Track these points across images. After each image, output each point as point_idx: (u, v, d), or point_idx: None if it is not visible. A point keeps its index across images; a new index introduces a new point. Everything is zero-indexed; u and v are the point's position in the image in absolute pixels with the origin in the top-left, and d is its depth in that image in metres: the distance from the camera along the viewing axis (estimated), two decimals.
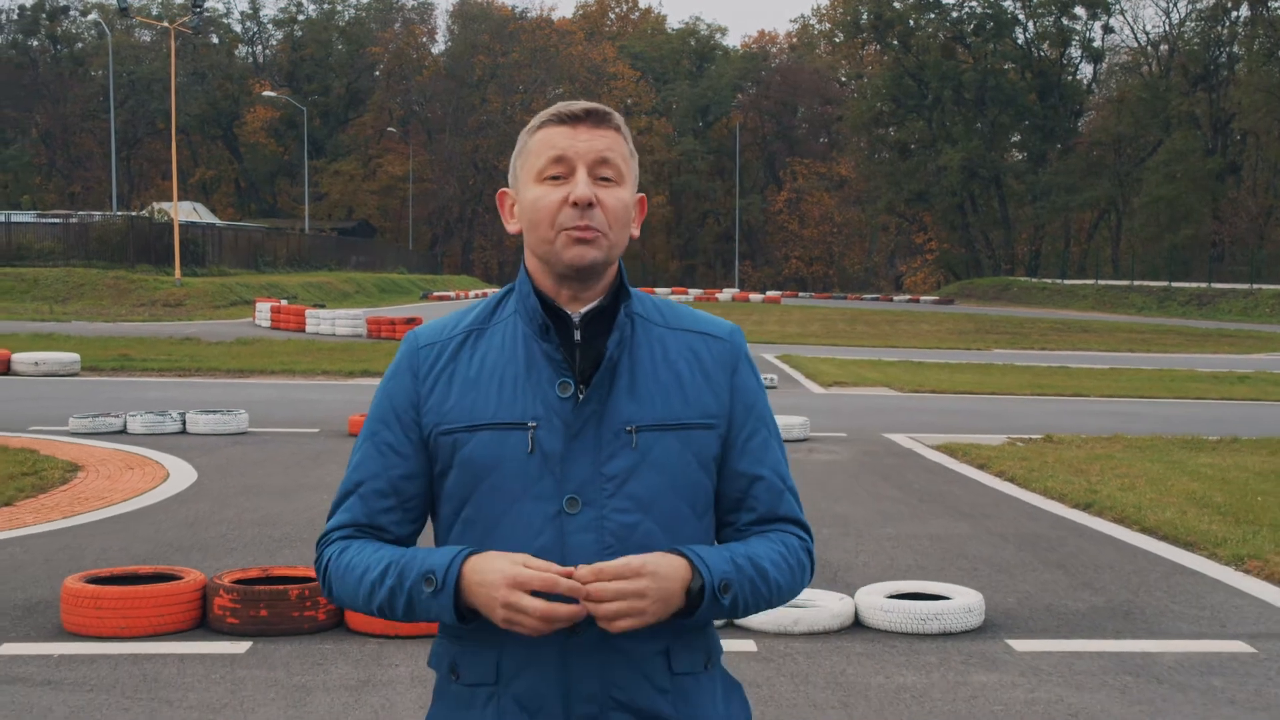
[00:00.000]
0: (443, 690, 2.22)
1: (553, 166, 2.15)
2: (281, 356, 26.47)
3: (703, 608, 2.06)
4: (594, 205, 2.14)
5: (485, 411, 2.16)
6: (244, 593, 6.65)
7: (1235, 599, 7.74)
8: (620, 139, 2.20)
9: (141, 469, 12.61)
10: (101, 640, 6.52)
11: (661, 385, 2.18)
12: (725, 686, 2.26)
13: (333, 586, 2.20)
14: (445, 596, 2.04)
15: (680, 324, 2.26)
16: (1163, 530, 9.68)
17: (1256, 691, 5.98)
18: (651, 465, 2.15)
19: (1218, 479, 12.30)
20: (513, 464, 2.13)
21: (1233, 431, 16.65)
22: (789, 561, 2.19)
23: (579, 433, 2.14)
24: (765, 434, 2.26)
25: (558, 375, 2.16)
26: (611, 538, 2.12)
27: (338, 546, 2.21)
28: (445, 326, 2.27)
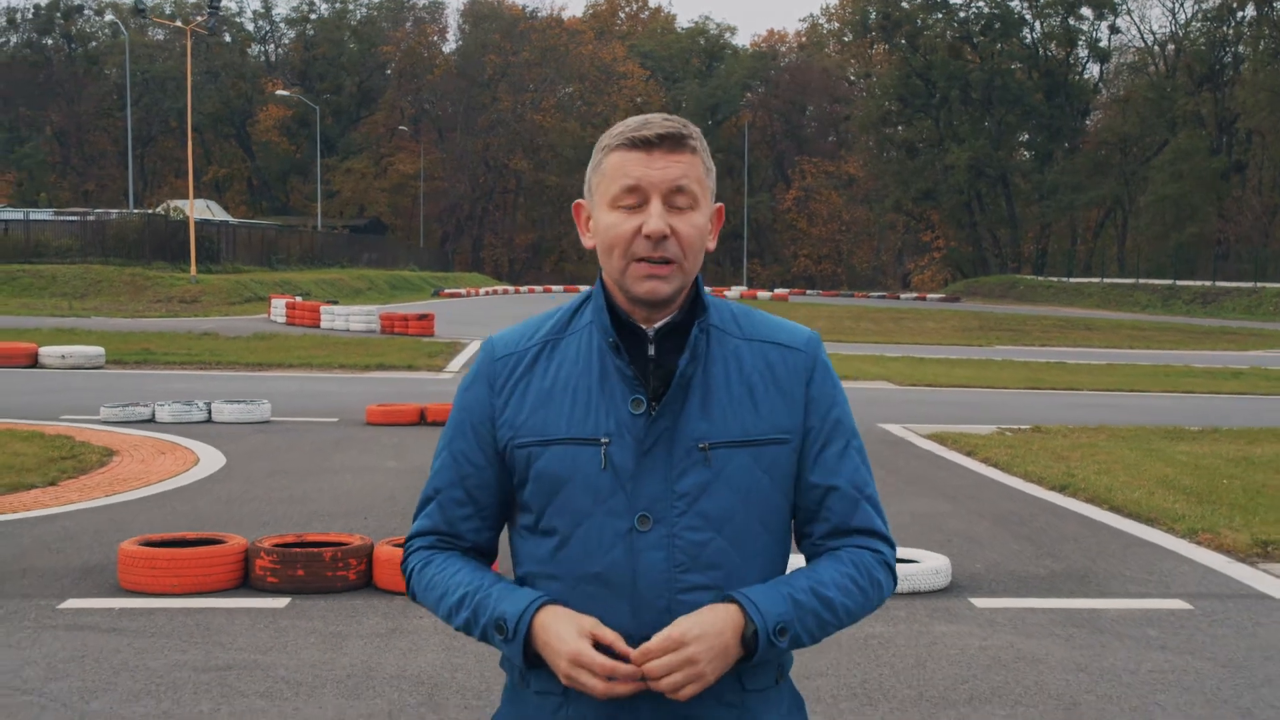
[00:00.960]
0: (513, 695, 2.25)
1: (627, 195, 2.14)
2: (298, 351, 27.20)
3: (759, 653, 2.07)
4: (668, 237, 2.13)
5: (558, 426, 2.17)
6: (283, 555, 7.41)
7: (1183, 565, 8.48)
8: (697, 161, 2.17)
9: (173, 454, 13.33)
10: (155, 596, 7.27)
11: (734, 401, 2.18)
12: (791, 701, 2.26)
13: (416, 595, 2.29)
14: (516, 646, 2.10)
15: (757, 335, 2.25)
16: (1129, 508, 10.41)
17: (1187, 639, 6.72)
18: (724, 483, 2.14)
19: (1190, 465, 13.00)
20: (585, 479, 2.14)
21: (1217, 423, 17.33)
22: (859, 583, 2.18)
23: (650, 449, 2.14)
24: (842, 444, 2.24)
25: (630, 391, 2.16)
26: (683, 555, 2.12)
27: (419, 558, 2.28)
28: (522, 336, 2.28)
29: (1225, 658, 6.42)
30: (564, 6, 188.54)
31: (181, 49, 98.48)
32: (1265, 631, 6.92)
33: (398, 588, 7.39)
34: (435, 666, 6.08)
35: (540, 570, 2.18)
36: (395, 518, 9.55)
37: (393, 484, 11.38)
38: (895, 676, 5.97)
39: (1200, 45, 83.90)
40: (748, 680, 2.15)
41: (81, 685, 5.76)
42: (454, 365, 25.69)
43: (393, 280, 68.20)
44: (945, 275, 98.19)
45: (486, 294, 69.03)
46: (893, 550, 2.24)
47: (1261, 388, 24.76)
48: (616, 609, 2.10)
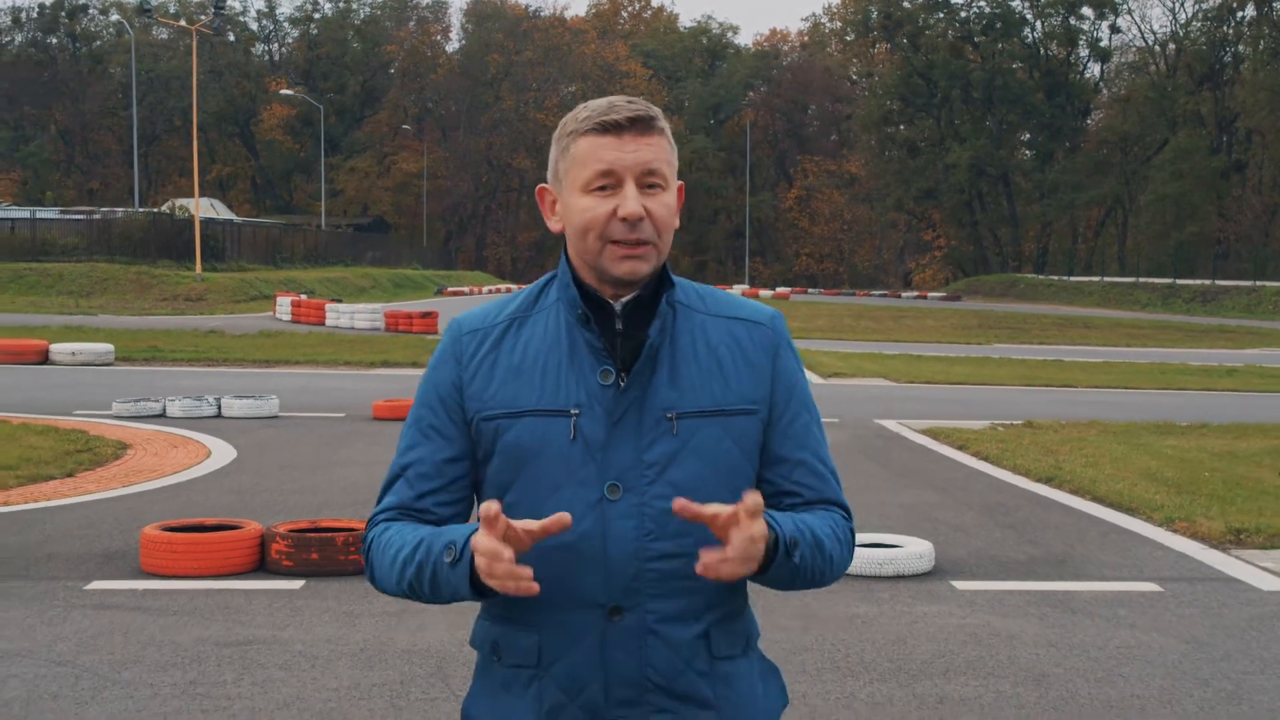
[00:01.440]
0: (484, 670, 2.26)
1: (600, 179, 2.16)
2: (304, 348, 27.59)
3: (776, 562, 2.09)
4: (644, 219, 2.16)
5: (528, 398, 2.19)
6: (297, 539, 7.78)
7: (1157, 551, 8.85)
8: (663, 142, 2.21)
9: (185, 447, 13.70)
10: (176, 579, 7.65)
11: (703, 372, 2.21)
12: (763, 670, 2.30)
13: (373, 568, 2.24)
14: (462, 567, 2.06)
15: (721, 310, 2.28)
16: (1111, 499, 10.78)
17: (1155, 619, 7.09)
18: (692, 452, 2.17)
19: (1176, 458, 13.35)
20: (555, 451, 2.16)
21: (1207, 419, 17.67)
22: (839, 538, 2.23)
23: (620, 420, 2.16)
24: (806, 418, 2.29)
25: (599, 363, 2.18)
26: (652, 524, 2.14)
27: (380, 528, 2.25)
28: (488, 314, 2.31)
29: (1190, 635, 6.79)
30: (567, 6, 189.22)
31: (185, 48, 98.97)
32: (1230, 612, 7.29)
33: None
34: (443, 642, 6.44)
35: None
36: None
37: None
38: (876, 651, 6.33)
39: (1200, 45, 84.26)
40: (715, 648, 2.18)
41: (112, 658, 6.13)
42: None
43: (396, 279, 68.59)
44: (946, 274, 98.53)
45: (489, 292, 69.47)
46: (852, 521, 2.31)
47: (1255, 385, 25.07)
48: (587, 578, 2.12)
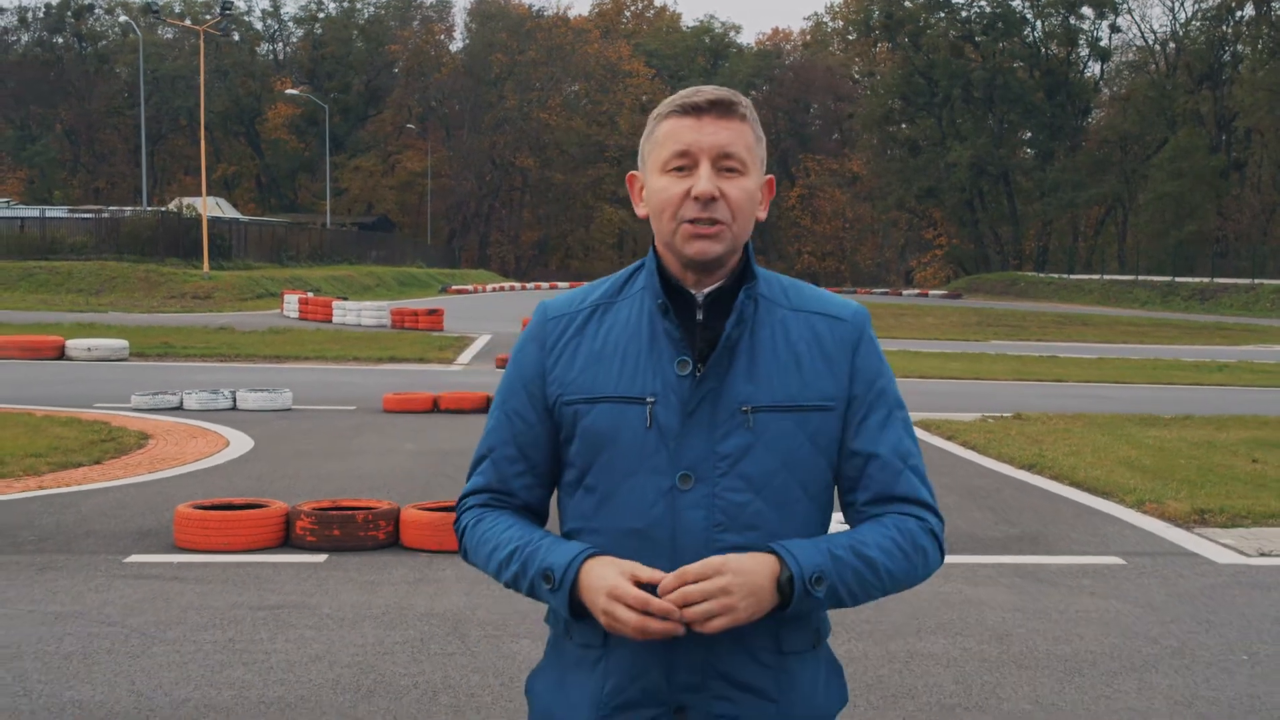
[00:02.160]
0: (556, 647, 2.31)
1: (677, 159, 2.19)
2: (313, 345, 28.14)
3: (795, 600, 2.08)
4: (717, 199, 2.17)
5: (606, 384, 2.21)
6: (320, 517, 8.36)
7: (1125, 529, 9.43)
8: (746, 128, 2.22)
9: (204, 438, 14.26)
10: (208, 553, 8.22)
11: (780, 367, 2.20)
12: (828, 668, 2.29)
13: (468, 553, 2.34)
14: (562, 595, 2.13)
15: (805, 305, 2.27)
16: (1088, 484, 11.35)
17: (1115, 587, 7.66)
18: (766, 446, 2.17)
19: (1155, 447, 13.91)
20: (630, 437, 2.18)
21: (1193, 411, 18.23)
22: (902, 547, 2.18)
23: (695, 410, 2.17)
24: (885, 412, 2.25)
25: (677, 353, 2.19)
26: (722, 515, 2.15)
27: (473, 515, 2.34)
28: (574, 299, 2.34)
29: (1146, 601, 7.36)
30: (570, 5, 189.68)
31: (190, 47, 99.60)
32: (1186, 582, 7.87)
33: (423, 546, 8.33)
34: (458, 606, 7.02)
35: (584, 525, 2.23)
36: (416, 491, 10.46)
37: (411, 464, 12.29)
38: (854, 614, 6.88)
39: (1200, 44, 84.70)
40: (785, 642, 2.19)
41: (156, 619, 6.71)
42: (464, 358, 26.66)
43: (400, 277, 69.08)
44: (948, 272, 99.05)
45: (493, 290, 70.01)
46: (940, 521, 2.26)
47: (1245, 380, 25.61)
48: (656, 564, 2.12)
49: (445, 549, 8.27)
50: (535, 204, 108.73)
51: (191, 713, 5.33)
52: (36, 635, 6.37)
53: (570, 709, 2.23)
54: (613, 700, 2.18)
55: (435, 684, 5.74)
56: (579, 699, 2.22)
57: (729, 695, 2.16)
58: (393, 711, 5.37)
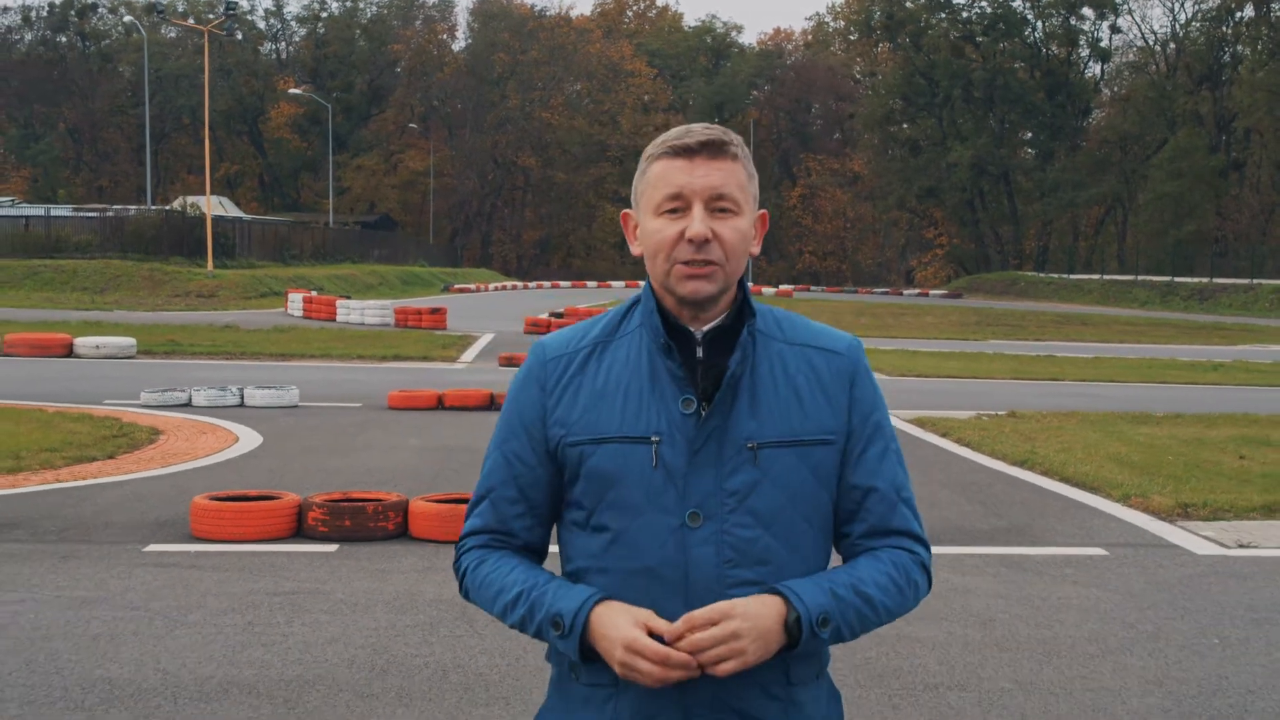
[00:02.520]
0: (562, 687, 2.30)
1: (670, 201, 2.20)
2: (318, 343, 28.45)
3: (803, 642, 2.12)
4: (710, 241, 2.18)
5: (611, 425, 2.22)
6: (332, 508, 8.67)
7: (1110, 522, 9.74)
8: (738, 167, 2.23)
9: (213, 434, 14.57)
10: (224, 543, 8.52)
11: (781, 402, 2.22)
12: (829, 694, 2.32)
13: (469, 593, 2.34)
14: (572, 641, 2.15)
15: (799, 339, 2.29)
16: (1077, 479, 11.65)
17: (1097, 576, 7.97)
18: (772, 481, 2.19)
19: (1145, 444, 14.20)
20: (637, 477, 2.19)
21: (1185, 410, 18.52)
22: (897, 582, 2.23)
23: (701, 448, 2.19)
24: (881, 446, 2.28)
25: (680, 392, 2.20)
26: (731, 551, 2.17)
27: (474, 557, 2.33)
28: (572, 339, 2.34)
29: (1125, 589, 7.67)
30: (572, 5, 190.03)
31: (194, 47, 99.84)
32: (1165, 571, 8.17)
33: (431, 536, 8.64)
34: None
35: (592, 565, 2.24)
36: (422, 485, 10.76)
37: (416, 459, 12.59)
38: None
39: (1199, 45, 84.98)
40: (793, 674, 2.21)
41: (177, 604, 7.02)
42: (467, 356, 26.96)
43: (403, 276, 69.38)
44: (948, 272, 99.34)
45: (496, 289, 70.33)
46: (928, 553, 2.32)
47: (1239, 379, 25.86)
48: (668, 603, 2.15)
49: (452, 539, 8.57)
50: (537, 203, 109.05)
51: (215, 689, 5.63)
52: (64, 619, 6.68)
53: None
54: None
55: (445, 664, 6.04)
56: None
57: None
58: (405, 689, 5.68)
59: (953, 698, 5.65)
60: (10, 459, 11.82)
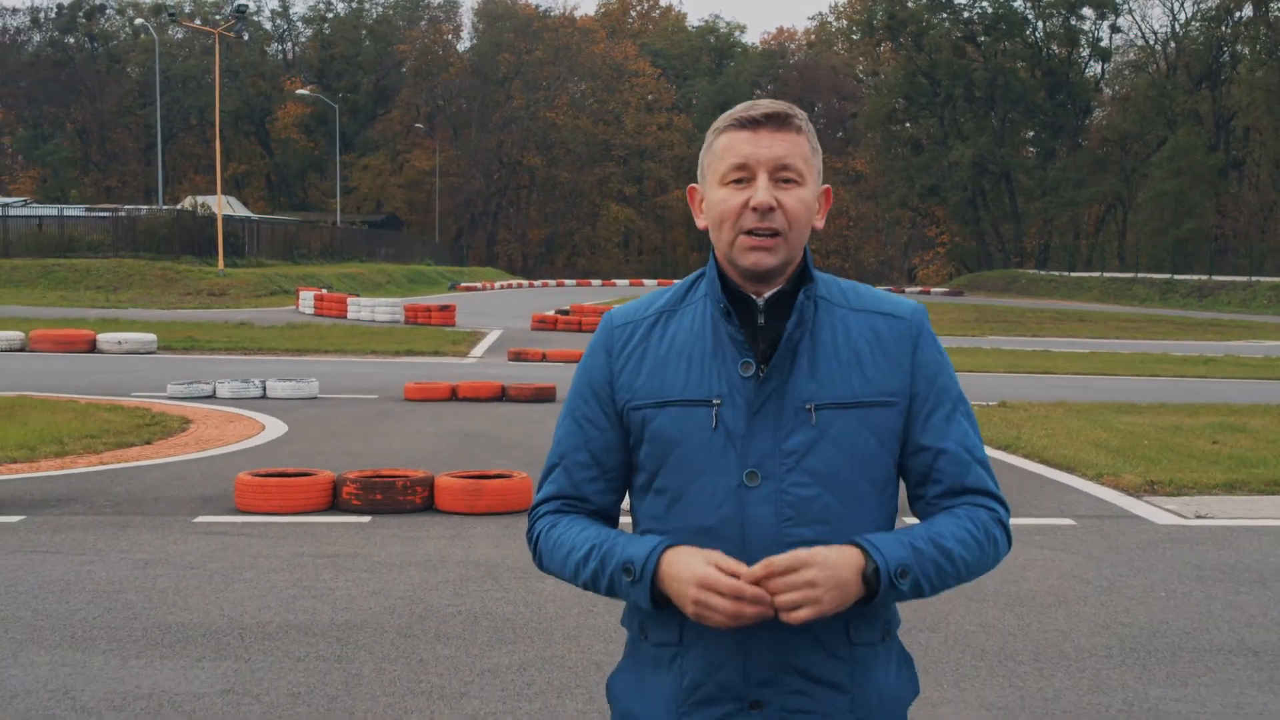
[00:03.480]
0: (634, 648, 2.36)
1: (735, 172, 2.24)
2: (331, 339, 29.25)
3: (881, 593, 2.12)
4: (774, 209, 2.21)
5: (673, 388, 2.26)
6: (365, 483, 9.46)
7: (1081, 498, 10.52)
8: (802, 139, 2.27)
9: (241, 422, 15.34)
10: (266, 515, 9.31)
11: (842, 364, 2.25)
12: (900, 659, 2.34)
13: (542, 559, 2.36)
14: (643, 587, 2.17)
15: (864, 305, 2.32)
16: (1056, 460, 12.43)
17: (1063, 542, 8.75)
18: (830, 441, 2.21)
19: (1126, 431, 14.95)
20: (697, 439, 2.23)
21: (1170, 401, 19.25)
22: (976, 538, 2.23)
23: (760, 410, 2.21)
24: (949, 407, 2.30)
25: (740, 355, 2.24)
26: (790, 509, 2.19)
27: (547, 521, 2.37)
28: (639, 308, 2.39)
29: (1087, 553, 8.45)
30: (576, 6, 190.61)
31: (201, 48, 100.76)
32: (1126, 538, 8.95)
33: (455, 509, 9.43)
34: (490, 556, 8.11)
35: (656, 526, 2.28)
36: (442, 466, 11.52)
37: (435, 443, 13.37)
38: None
39: (1199, 44, 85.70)
40: (855, 634, 2.23)
41: (231, 564, 7.80)
42: (477, 351, 27.75)
43: (410, 274, 70.15)
44: (950, 270, 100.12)
45: (502, 287, 71.13)
46: (1007, 511, 2.33)
47: (1228, 372, 26.55)
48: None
49: (475, 512, 9.37)
50: (542, 202, 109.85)
51: (276, 630, 6.42)
52: (133, 576, 7.47)
53: (650, 706, 2.29)
54: (691, 696, 2.24)
55: (475, 612, 6.82)
56: (657, 696, 2.28)
57: (803, 689, 2.22)
58: (441, 630, 6.46)
59: (922, 637, 6.41)
60: (55, 444, 12.61)
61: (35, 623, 6.48)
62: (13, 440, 12.68)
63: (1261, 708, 5.49)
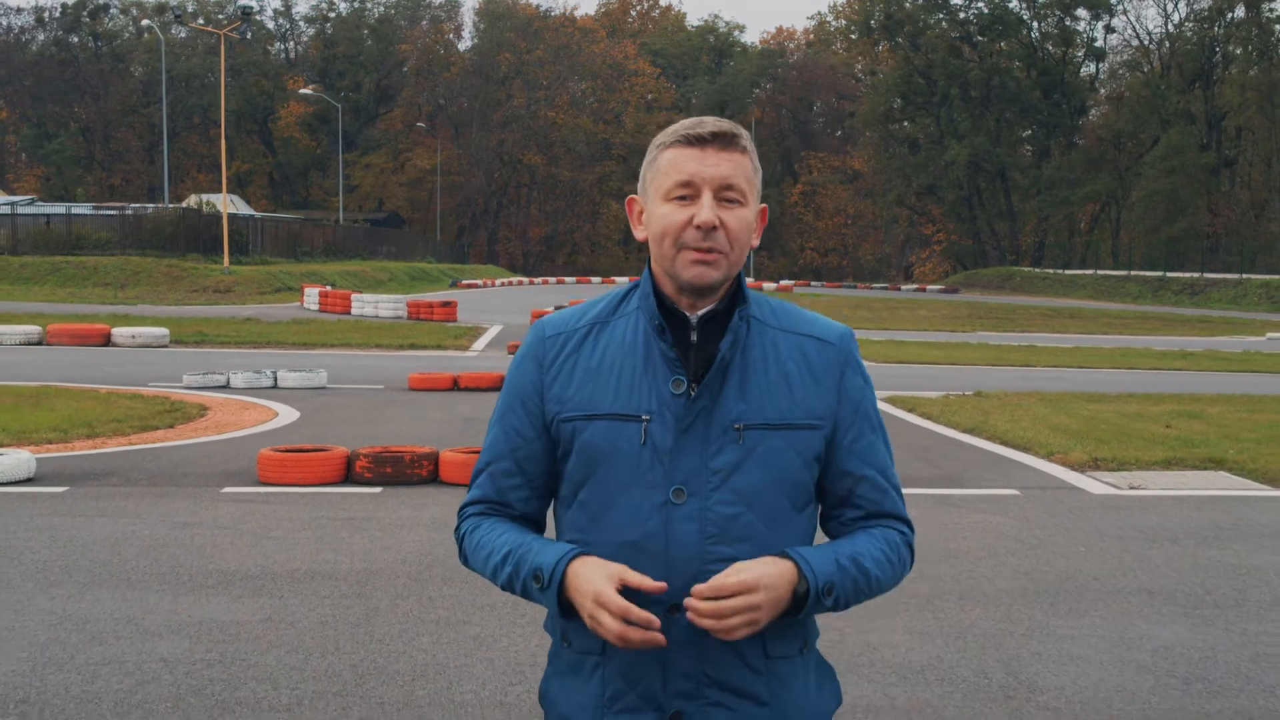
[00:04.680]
0: (556, 655, 2.38)
1: (680, 188, 2.24)
2: (337, 334, 30.18)
3: (807, 608, 2.18)
4: (717, 228, 2.22)
5: (603, 402, 2.27)
6: (375, 457, 10.43)
7: (1029, 472, 11.50)
8: (746, 160, 2.27)
9: (255, 410, 16.28)
10: (286, 486, 10.27)
11: (771, 386, 2.26)
12: (819, 671, 2.37)
13: (467, 558, 2.42)
14: (550, 594, 2.20)
15: (794, 327, 2.34)
16: (1014, 441, 13.39)
17: (1004, 508, 9.73)
18: (756, 462, 2.23)
19: (1088, 418, 15.88)
20: (626, 453, 2.24)
21: (1139, 391, 20.17)
22: (890, 558, 2.29)
23: (689, 428, 2.23)
24: (871, 435, 2.34)
25: (671, 373, 2.25)
26: (713, 528, 2.21)
27: (472, 523, 2.41)
28: (571, 318, 2.39)
29: (1024, 517, 9.42)
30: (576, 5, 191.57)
31: (204, 47, 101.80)
32: (1061, 505, 9.93)
33: (459, 481, 10.40)
34: None
35: (580, 538, 2.29)
36: (446, 444, 12.47)
37: (439, 428, 14.31)
38: None
39: (1192, 45, 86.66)
40: (771, 648, 2.26)
41: (259, 526, 8.78)
42: (478, 345, 28.70)
43: (411, 272, 71.02)
44: (946, 267, 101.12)
45: (502, 284, 72.08)
46: (913, 533, 2.38)
47: (1205, 365, 27.43)
48: (650, 576, 2.18)
49: None
50: (543, 200, 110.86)
51: (302, 576, 7.39)
52: (173, 535, 8.45)
53: (578, 712, 2.31)
54: (613, 705, 2.27)
55: None
56: (581, 703, 2.30)
57: (723, 701, 2.24)
58: (447, 576, 7.42)
59: None
60: (84, 427, 13.57)
61: (94, 570, 7.46)
62: (45, 424, 13.65)
63: (1144, 634, 6.46)
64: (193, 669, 5.68)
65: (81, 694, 5.36)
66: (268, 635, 6.21)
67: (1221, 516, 9.59)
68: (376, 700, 5.35)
